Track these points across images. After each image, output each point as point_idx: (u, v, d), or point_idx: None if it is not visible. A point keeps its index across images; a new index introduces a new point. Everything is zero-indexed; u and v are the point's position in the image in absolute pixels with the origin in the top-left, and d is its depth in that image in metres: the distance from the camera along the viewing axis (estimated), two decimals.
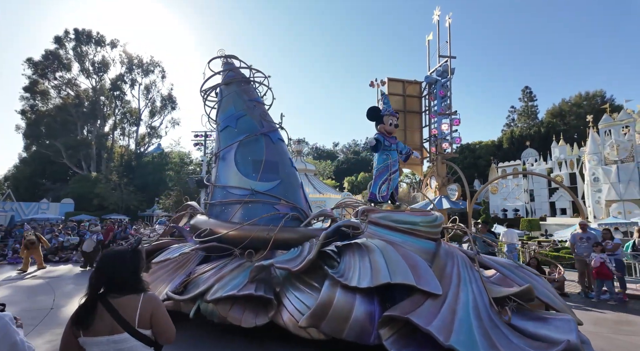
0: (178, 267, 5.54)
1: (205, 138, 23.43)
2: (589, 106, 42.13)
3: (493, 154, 39.62)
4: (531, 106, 51.23)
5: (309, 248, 4.61)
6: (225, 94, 6.97)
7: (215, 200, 5.93)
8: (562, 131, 36.31)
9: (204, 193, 21.21)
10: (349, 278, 3.75)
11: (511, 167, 32.32)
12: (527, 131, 41.44)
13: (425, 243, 4.39)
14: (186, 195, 26.29)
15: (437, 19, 16.03)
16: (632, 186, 21.48)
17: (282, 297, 4.27)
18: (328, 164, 59.46)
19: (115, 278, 1.82)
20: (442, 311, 3.28)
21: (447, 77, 15.58)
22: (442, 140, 15.13)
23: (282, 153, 6.47)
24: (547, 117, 45.12)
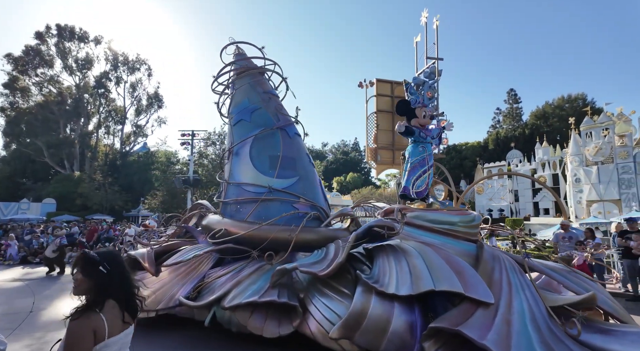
0: (190, 270, 5.23)
1: (192, 137, 22.97)
2: (571, 108, 43.90)
3: (479, 155, 40.78)
4: (516, 108, 53.43)
5: (334, 250, 4.28)
6: (238, 86, 6.65)
7: (229, 198, 5.61)
8: (545, 133, 37.57)
9: (190, 192, 20.85)
10: (386, 285, 3.42)
11: (496, 168, 33.39)
12: (512, 133, 43.88)
13: (465, 245, 4.04)
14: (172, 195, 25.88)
15: (424, 21, 16.42)
16: (612, 186, 22.55)
17: (308, 304, 3.94)
18: (317, 164, 59.62)
19: None
20: (496, 323, 2.94)
21: (434, 78, 15.93)
22: None
23: (299, 148, 6.15)
24: (531, 119, 46.86)
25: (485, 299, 3.06)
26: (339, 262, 3.79)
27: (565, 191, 26.63)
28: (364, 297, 3.49)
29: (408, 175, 4.99)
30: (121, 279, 1.72)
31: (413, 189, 4.85)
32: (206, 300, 4.45)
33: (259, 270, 4.63)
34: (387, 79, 16.56)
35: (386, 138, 16.42)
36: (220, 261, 5.38)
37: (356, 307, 3.44)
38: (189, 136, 22.98)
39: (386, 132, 15.97)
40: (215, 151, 38.18)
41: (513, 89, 54.85)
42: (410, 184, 4.88)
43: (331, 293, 3.90)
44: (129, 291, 1.75)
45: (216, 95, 7.13)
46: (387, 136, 16.23)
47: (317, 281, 4.17)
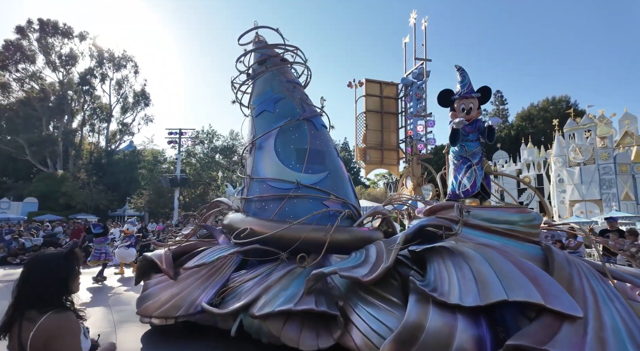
0: (211, 273, 4.88)
1: (179, 136, 22.58)
2: (555, 110, 45.50)
3: None
4: (502, 110, 55.38)
5: (376, 252, 3.87)
6: (260, 75, 6.28)
7: (252, 195, 5.24)
8: (530, 134, 38.61)
9: (177, 192, 20.55)
10: (446, 293, 3.00)
11: None
12: (498, 134, 45.60)
13: (529, 247, 3.60)
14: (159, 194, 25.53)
15: (413, 22, 16.65)
16: (593, 187, 23.48)
17: (350, 313, 3.55)
18: None
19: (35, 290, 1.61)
20: (588, 341, 2.51)
21: (422, 79, 15.92)
22: (417, 141, 15.77)
23: (327, 141, 5.75)
24: (517, 121, 48.59)
25: (572, 312, 2.62)
26: (387, 266, 3.39)
27: (549, 191, 27.34)
28: (420, 307, 3.09)
29: (453, 178, 4.56)
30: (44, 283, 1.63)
31: (460, 190, 4.40)
32: (232, 306, 4.08)
33: (290, 274, 4.25)
34: (376, 79, 16.82)
35: (375, 138, 16.17)
36: (243, 264, 5.04)
37: (411, 318, 3.04)
38: (177, 134, 22.57)
39: (375, 132, 16.04)
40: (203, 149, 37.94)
41: (500, 90, 58.25)
42: (457, 186, 4.44)
43: (377, 301, 3.50)
44: None
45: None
46: (376, 136, 16.22)
47: (358, 287, 3.78)
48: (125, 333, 4.96)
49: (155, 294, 4.92)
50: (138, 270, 5.70)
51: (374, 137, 16.45)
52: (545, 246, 3.58)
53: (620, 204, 22.07)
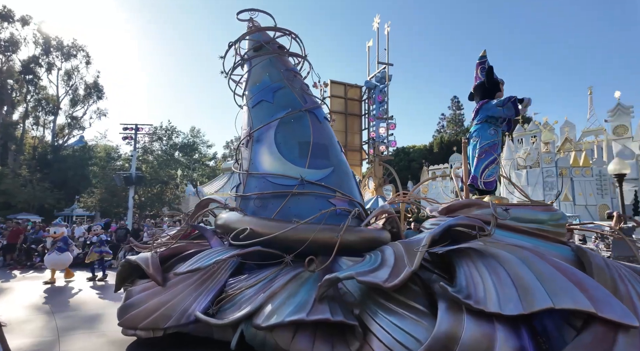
0: (205, 279, 4.45)
1: (135, 131, 21.40)
2: None
3: (425, 157, 44.56)
4: (458, 114, 59.60)
5: (394, 254, 3.58)
6: (256, 63, 5.87)
7: (250, 192, 4.84)
8: None
9: (132, 190, 19.69)
10: (482, 301, 2.74)
11: (440, 170, 36.92)
12: (454, 137, 50.50)
13: (561, 248, 3.41)
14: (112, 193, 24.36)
15: (376, 26, 17.40)
16: (538, 188, 25.59)
17: (369, 323, 3.24)
18: None
19: None
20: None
21: (385, 83, 16.54)
22: (379, 143, 16.46)
23: (330, 135, 5.43)
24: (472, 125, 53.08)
25: (626, 320, 2.41)
26: (411, 270, 3.10)
27: (500, 192, 30.08)
28: (452, 316, 2.81)
29: (477, 162, 4.32)
30: None
31: (482, 179, 4.18)
32: (232, 316, 3.69)
33: (296, 279, 3.90)
34: (340, 81, 17.32)
35: (339, 139, 16.32)
36: (240, 268, 4.64)
37: (443, 328, 2.76)
38: (132, 130, 21.39)
39: (339, 133, 16.24)
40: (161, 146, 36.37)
41: (456, 96, 62.66)
42: (479, 173, 4.21)
43: (399, 309, 3.20)
44: None
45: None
46: (340, 136, 16.41)
47: (375, 293, 3.47)
48: (70, 343, 4.46)
49: (140, 302, 4.45)
50: (119, 276, 5.18)
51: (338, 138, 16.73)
52: (576, 247, 3.39)
53: (560, 205, 23.47)
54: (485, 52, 4.91)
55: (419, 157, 45.72)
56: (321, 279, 3.82)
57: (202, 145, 57.41)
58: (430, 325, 2.93)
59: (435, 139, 51.58)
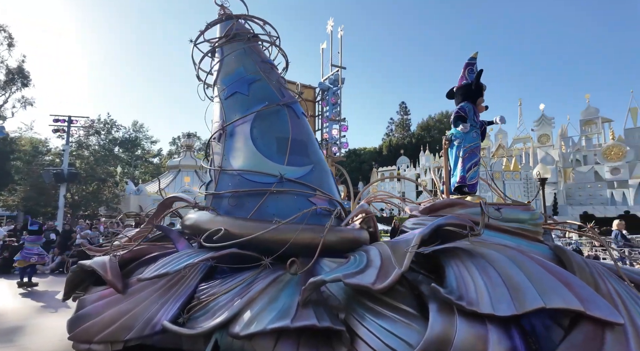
0: (172, 285, 4.09)
1: (68, 124, 19.75)
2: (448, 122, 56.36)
3: (375, 159, 51.29)
4: (406, 119, 64.33)
5: (379, 255, 3.48)
6: (229, 52, 5.55)
7: (224, 190, 4.53)
8: (428, 143, 46.11)
9: (63, 188, 18.39)
10: (475, 302, 2.71)
11: (389, 171, 40.41)
12: (402, 141, 53.40)
13: (540, 247, 3.50)
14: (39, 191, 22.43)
15: (330, 29, 18.10)
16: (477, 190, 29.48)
17: (356, 327, 3.11)
18: None
19: None
20: (632, 349, 2.37)
21: (338, 85, 17.08)
22: (332, 144, 16.97)
23: (309, 131, 5.26)
24: (418, 130, 57.80)
25: (613, 318, 2.48)
26: (401, 271, 3.01)
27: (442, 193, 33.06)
28: (443, 318, 2.76)
29: (462, 163, 4.35)
30: None
31: (467, 181, 4.22)
32: (206, 325, 3.40)
33: (276, 283, 3.68)
34: (293, 81, 17.55)
35: None
36: (211, 272, 4.32)
37: (435, 331, 2.70)
38: (65, 122, 19.55)
39: None
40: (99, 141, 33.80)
41: (404, 102, 66.99)
42: (466, 173, 4.25)
43: (388, 311, 3.11)
44: None
45: None
46: None
47: (361, 296, 3.35)
48: None
49: (96, 313, 3.99)
50: (69, 283, 4.63)
51: None
52: (554, 246, 3.51)
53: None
54: (476, 54, 5.00)
55: (370, 159, 48.38)
56: (303, 282, 3.65)
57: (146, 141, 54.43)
58: (421, 328, 2.87)
59: (385, 142, 55.51)
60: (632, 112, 30.39)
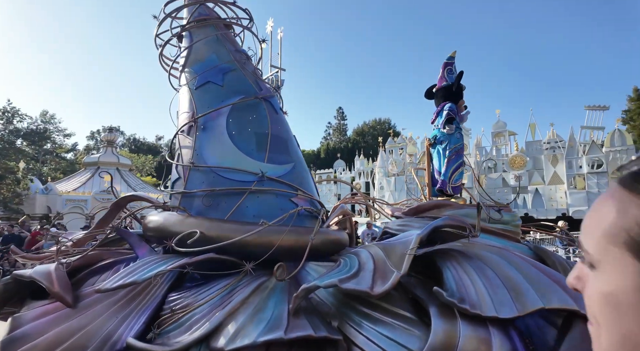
0: (134, 296, 3.62)
1: None
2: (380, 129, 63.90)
3: (313, 162, 53.66)
4: (342, 124, 69.50)
5: (372, 258, 3.39)
6: (199, 37, 5.12)
7: (195, 188, 4.13)
8: (362, 147, 49.81)
9: None
10: (477, 304, 2.71)
11: (326, 174, 43.74)
12: (338, 145, 57.55)
13: (521, 247, 3.65)
14: None
15: (270, 29, 18.65)
16: (403, 194, 31.34)
17: (353, 335, 2.97)
18: (149, 159, 57.85)
19: None
20: None
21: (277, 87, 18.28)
22: None
23: (288, 128, 5.02)
24: (353, 135, 66.67)
25: None
26: (400, 275, 2.93)
27: (374, 196, 36.47)
28: (445, 322, 2.72)
29: (447, 165, 4.41)
30: None
31: (450, 184, 4.28)
32: (182, 340, 3.02)
33: (260, 290, 3.41)
34: None
35: None
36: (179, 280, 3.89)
37: (438, 336, 2.65)
38: None
39: None
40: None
41: (341, 107, 71.74)
42: (448, 177, 4.31)
43: (386, 317, 3.00)
44: None
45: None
46: None
47: (355, 301, 3.21)
48: None
49: (38, 332, 3.37)
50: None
51: None
52: (534, 246, 3.69)
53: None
54: (454, 53, 5.12)
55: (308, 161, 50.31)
56: (289, 288, 3.43)
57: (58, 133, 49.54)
58: (422, 333, 2.81)
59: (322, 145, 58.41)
60: (532, 128, 35.45)
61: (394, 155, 35.28)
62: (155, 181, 45.64)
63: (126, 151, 57.04)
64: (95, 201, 31.37)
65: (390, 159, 34.66)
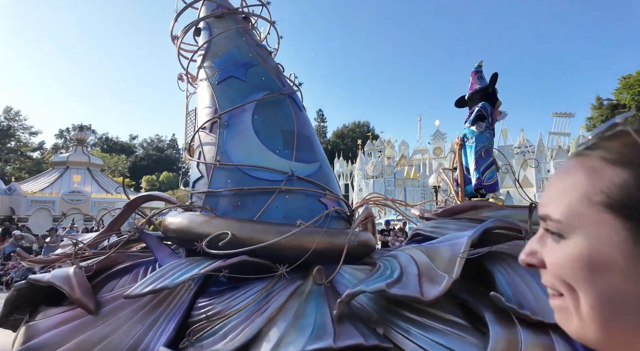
0: (159, 301, 3.43)
1: None
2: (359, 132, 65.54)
3: None
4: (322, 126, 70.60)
5: (414, 262, 3.26)
6: (219, 31, 4.94)
7: (221, 187, 3.95)
8: (342, 150, 50.95)
9: None
10: (537, 310, 2.60)
11: None
12: None
13: None
14: None
15: None
16: None
17: (402, 343, 2.83)
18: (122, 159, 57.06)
19: None
20: None
21: None
22: None
23: (311, 126, 4.88)
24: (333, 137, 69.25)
25: None
26: (452, 279, 2.81)
27: (353, 198, 35.77)
28: (504, 329, 2.61)
29: (476, 165, 4.31)
30: None
31: (485, 182, 4.19)
32: (219, 348, 2.83)
33: (297, 295, 3.25)
34: None
35: None
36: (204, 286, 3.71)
37: (499, 345, 2.53)
38: None
39: None
40: None
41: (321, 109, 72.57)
42: (481, 175, 4.21)
43: (434, 323, 2.87)
44: None
45: None
46: None
47: (397, 307, 3.08)
48: None
49: (57, 341, 3.16)
50: (8, 305, 3.62)
51: None
52: None
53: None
54: (482, 62, 5.10)
55: None
56: (327, 293, 3.28)
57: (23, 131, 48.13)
58: (477, 341, 2.69)
59: None
60: (504, 132, 36.70)
61: (373, 157, 35.82)
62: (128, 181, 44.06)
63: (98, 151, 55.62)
64: (63, 202, 29.47)
65: (370, 161, 35.10)
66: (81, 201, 30.38)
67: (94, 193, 32.30)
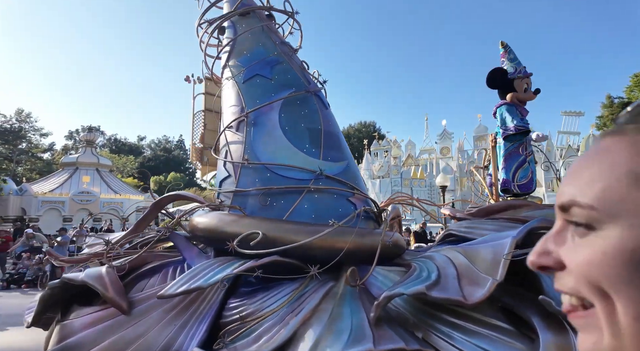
0: (190, 302, 3.40)
1: None
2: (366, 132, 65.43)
3: None
4: None
5: (452, 264, 3.14)
6: (244, 29, 4.92)
7: (251, 187, 3.91)
8: None
9: None
10: None
11: None
12: None
13: None
14: None
15: None
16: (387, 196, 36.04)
17: (442, 347, 2.72)
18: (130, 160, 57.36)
19: None
20: None
21: None
22: None
23: (337, 124, 4.79)
24: None
25: None
26: (497, 282, 2.68)
27: None
28: (556, 335, 2.47)
29: (505, 166, 4.16)
30: None
31: (515, 182, 4.03)
32: (253, 350, 2.78)
33: (330, 297, 3.17)
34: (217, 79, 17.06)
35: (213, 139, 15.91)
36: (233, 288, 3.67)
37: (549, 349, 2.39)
38: None
39: (214, 132, 15.56)
40: None
41: None
42: (510, 176, 4.05)
43: (477, 327, 2.75)
44: None
45: None
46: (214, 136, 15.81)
47: (437, 310, 2.97)
48: None
49: (92, 341, 3.16)
50: (43, 303, 3.66)
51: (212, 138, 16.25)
52: None
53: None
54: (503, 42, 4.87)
55: None
56: (361, 295, 3.20)
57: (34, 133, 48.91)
58: (525, 346, 2.56)
59: None
60: None
61: (379, 157, 35.48)
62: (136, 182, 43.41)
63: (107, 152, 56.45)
64: (73, 202, 29.95)
65: (376, 161, 34.80)
66: (90, 202, 30.79)
67: (102, 193, 32.57)
